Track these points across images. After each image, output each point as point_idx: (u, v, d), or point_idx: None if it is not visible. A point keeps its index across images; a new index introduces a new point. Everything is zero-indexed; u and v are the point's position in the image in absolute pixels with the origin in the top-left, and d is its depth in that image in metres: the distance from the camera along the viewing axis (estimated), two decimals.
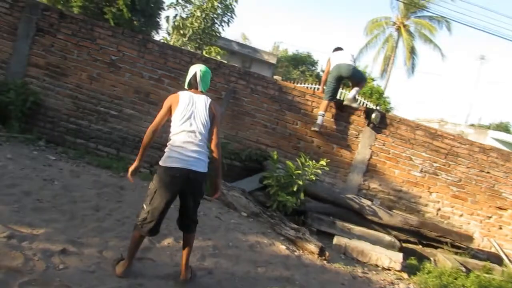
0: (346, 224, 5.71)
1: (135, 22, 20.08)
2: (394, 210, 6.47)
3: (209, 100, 3.15)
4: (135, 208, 3.87)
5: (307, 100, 6.52)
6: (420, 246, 6.13)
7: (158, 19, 21.49)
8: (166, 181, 2.90)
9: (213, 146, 3.11)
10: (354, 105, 6.49)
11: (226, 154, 5.97)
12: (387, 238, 5.74)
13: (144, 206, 2.96)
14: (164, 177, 2.90)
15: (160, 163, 2.96)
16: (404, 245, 6.03)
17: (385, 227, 5.96)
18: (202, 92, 3.19)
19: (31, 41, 6.14)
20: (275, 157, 5.46)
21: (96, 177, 5.04)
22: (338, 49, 6.68)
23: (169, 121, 3.08)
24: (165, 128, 3.14)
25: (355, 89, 6.53)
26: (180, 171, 2.89)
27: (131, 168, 3.09)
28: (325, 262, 4.59)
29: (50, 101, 6.19)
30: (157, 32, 22.19)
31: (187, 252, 3.15)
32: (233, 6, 13.08)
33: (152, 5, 20.28)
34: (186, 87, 3.25)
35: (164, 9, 20.32)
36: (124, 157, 6.15)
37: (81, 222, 3.68)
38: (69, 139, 6.20)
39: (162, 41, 17.38)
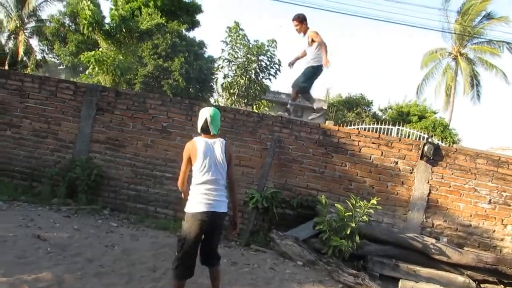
0: (411, 266, 5.36)
1: (190, 89, 21.61)
2: (465, 248, 5.98)
3: (224, 142, 3.35)
4: None
5: (353, 140, 6.46)
6: (502, 286, 5.54)
7: (212, 84, 22.98)
8: (195, 225, 3.13)
9: (230, 186, 3.41)
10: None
11: (277, 203, 6.00)
12: (460, 278, 5.28)
13: (177, 253, 3.20)
14: (193, 222, 3.14)
15: (188, 210, 3.21)
16: (482, 286, 5.52)
17: (456, 267, 5.50)
18: (214, 136, 3.36)
19: (93, 120, 6.81)
20: (323, 201, 5.39)
21: (154, 238, 5.29)
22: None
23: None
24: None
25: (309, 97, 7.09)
26: (207, 215, 3.15)
27: None
28: None
29: (111, 171, 6.72)
30: (212, 95, 23.61)
31: (217, 285, 3.45)
32: (274, 58, 13.59)
33: (205, 71, 21.84)
34: (199, 132, 3.41)
35: (216, 74, 21.74)
36: (181, 217, 6.37)
37: (138, 283, 3.85)
38: (130, 205, 6.61)
39: (214, 102, 18.38)
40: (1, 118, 6.84)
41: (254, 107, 14.64)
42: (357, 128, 12.75)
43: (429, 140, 6.99)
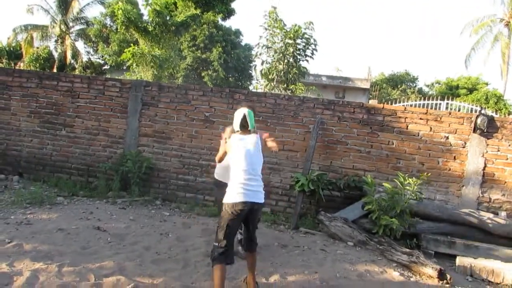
0: (469, 243, 5.18)
1: (230, 78, 21.80)
2: None
3: (258, 136, 3.57)
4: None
5: (399, 117, 6.26)
6: None
7: (250, 71, 23.06)
8: (235, 214, 3.29)
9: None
10: None
11: (323, 185, 5.96)
12: None
13: (218, 243, 3.31)
14: (233, 212, 3.28)
15: (226, 201, 3.34)
16: None
17: None
18: (250, 131, 3.57)
19: (139, 114, 7.06)
20: (370, 180, 5.29)
21: (205, 225, 5.45)
22: None
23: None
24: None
25: None
26: (246, 205, 3.31)
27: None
28: (447, 286, 4.20)
29: (160, 163, 6.96)
30: (250, 83, 23.70)
31: (254, 270, 3.58)
32: (311, 38, 13.24)
33: (243, 60, 21.93)
34: (238, 129, 3.56)
35: (253, 61, 21.78)
36: None
37: (193, 268, 4.00)
38: (180, 195, 6.83)
39: (253, 89, 18.42)
40: (56, 119, 7.26)
41: (290, 91, 14.46)
42: (403, 105, 12.32)
43: (482, 112, 6.62)
